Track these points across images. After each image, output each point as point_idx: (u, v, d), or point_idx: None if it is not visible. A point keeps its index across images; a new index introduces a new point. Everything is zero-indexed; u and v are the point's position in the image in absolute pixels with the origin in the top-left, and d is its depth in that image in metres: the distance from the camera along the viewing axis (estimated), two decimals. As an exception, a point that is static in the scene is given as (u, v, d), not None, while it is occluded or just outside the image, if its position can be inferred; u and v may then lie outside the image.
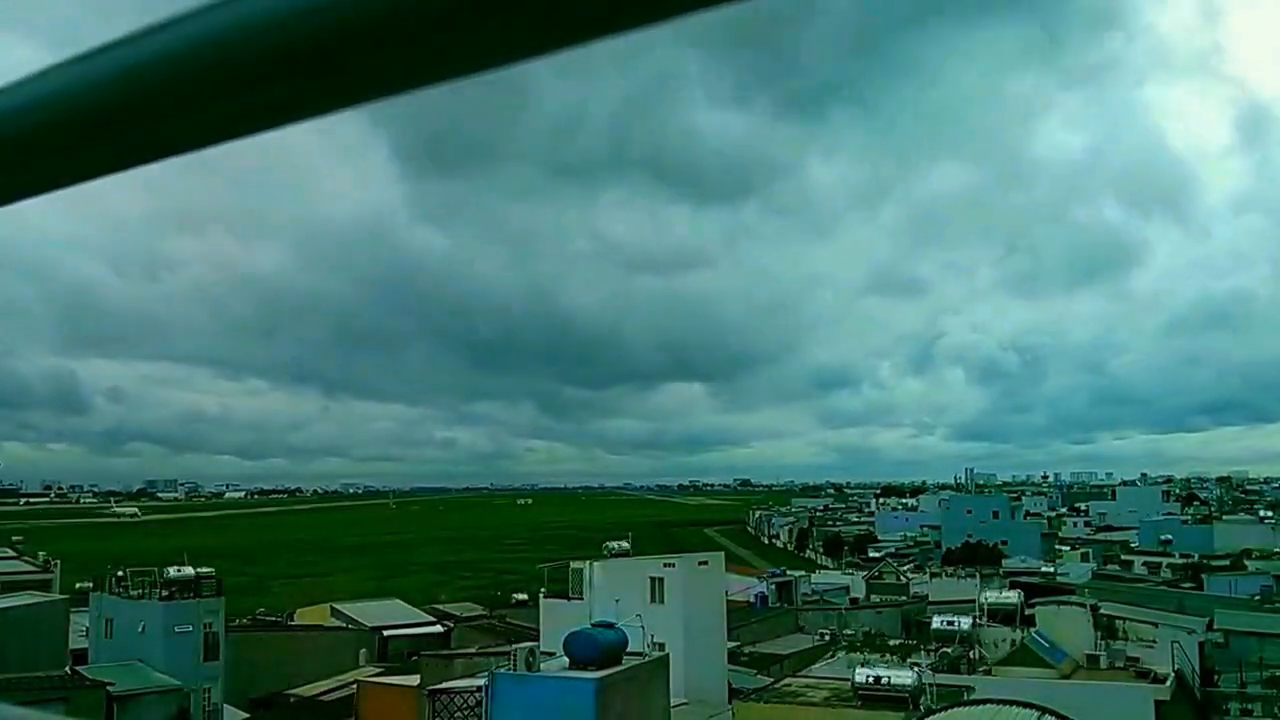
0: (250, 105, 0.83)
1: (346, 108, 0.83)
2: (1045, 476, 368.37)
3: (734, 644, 51.68)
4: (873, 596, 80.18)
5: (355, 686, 46.17)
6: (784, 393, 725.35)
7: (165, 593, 44.83)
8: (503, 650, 35.56)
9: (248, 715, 47.80)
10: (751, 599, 74.88)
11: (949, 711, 31.92)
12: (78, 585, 57.06)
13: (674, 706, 33.96)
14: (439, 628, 64.06)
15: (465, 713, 32.30)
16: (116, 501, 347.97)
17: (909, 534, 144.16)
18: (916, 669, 36.95)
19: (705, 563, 47.67)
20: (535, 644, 33.38)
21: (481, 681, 31.02)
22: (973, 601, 51.63)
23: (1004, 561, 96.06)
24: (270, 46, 0.78)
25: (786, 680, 40.33)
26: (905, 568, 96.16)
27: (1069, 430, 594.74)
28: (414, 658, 49.99)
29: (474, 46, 0.74)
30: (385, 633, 61.18)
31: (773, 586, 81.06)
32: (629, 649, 31.44)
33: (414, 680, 41.34)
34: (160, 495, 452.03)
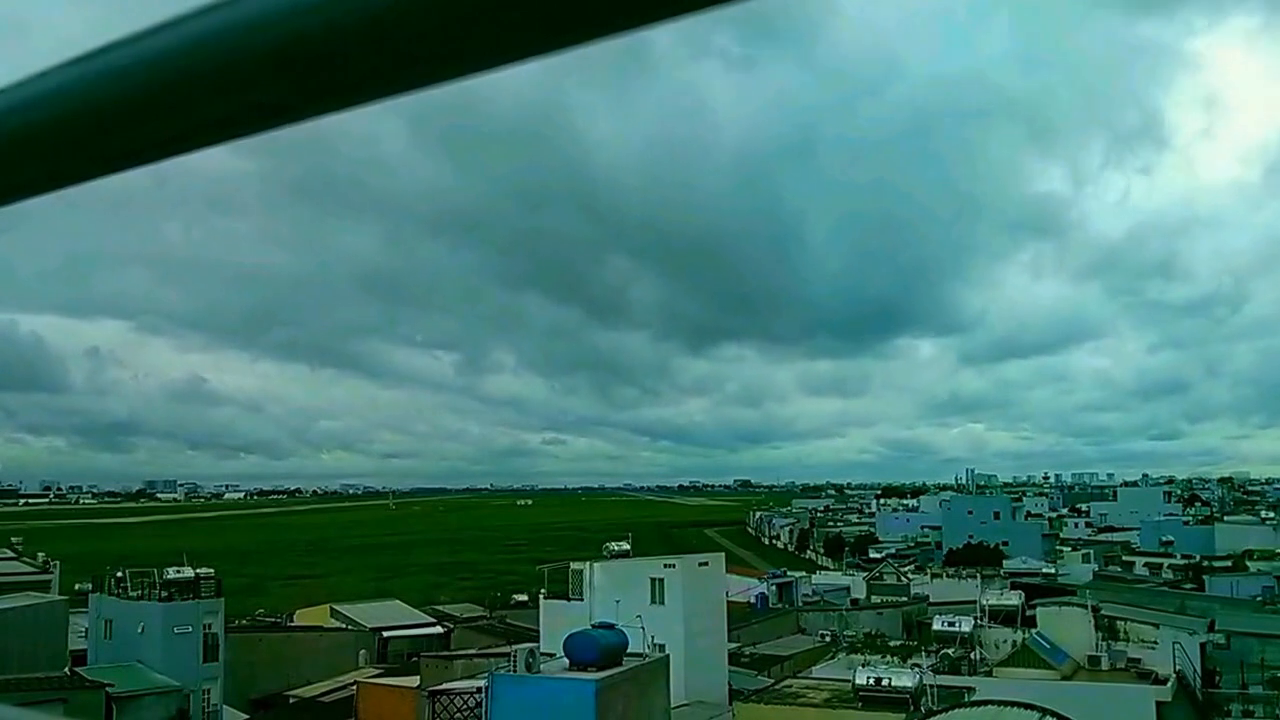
0: (251, 106, 0.83)
1: (347, 108, 0.83)
2: (1046, 477, 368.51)
3: (734, 645, 51.55)
4: (873, 597, 79.91)
5: (355, 687, 46.09)
6: (930, 371, 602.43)
7: (164, 594, 44.76)
8: (503, 651, 35.50)
9: (247, 716, 47.76)
10: (752, 600, 74.82)
11: (950, 713, 31.85)
12: (77, 586, 57.00)
13: (674, 707, 33.86)
14: (439, 629, 64.04)
15: (465, 714, 32.22)
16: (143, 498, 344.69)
17: (910, 535, 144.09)
18: (917, 670, 36.87)
19: (705, 563, 47.57)
20: (535, 645, 33.28)
21: (481, 683, 30.96)
22: (974, 602, 51.54)
23: (1005, 562, 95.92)
24: (270, 46, 0.77)
25: (787, 681, 40.23)
26: (906, 568, 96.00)
27: (1163, 424, 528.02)
28: (414, 659, 49.91)
29: (474, 47, 0.74)
30: (385, 634, 61.13)
31: (773, 587, 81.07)
32: (629, 650, 31.36)
33: (414, 681, 41.27)
34: (159, 496, 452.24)
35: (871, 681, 34.86)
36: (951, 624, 45.31)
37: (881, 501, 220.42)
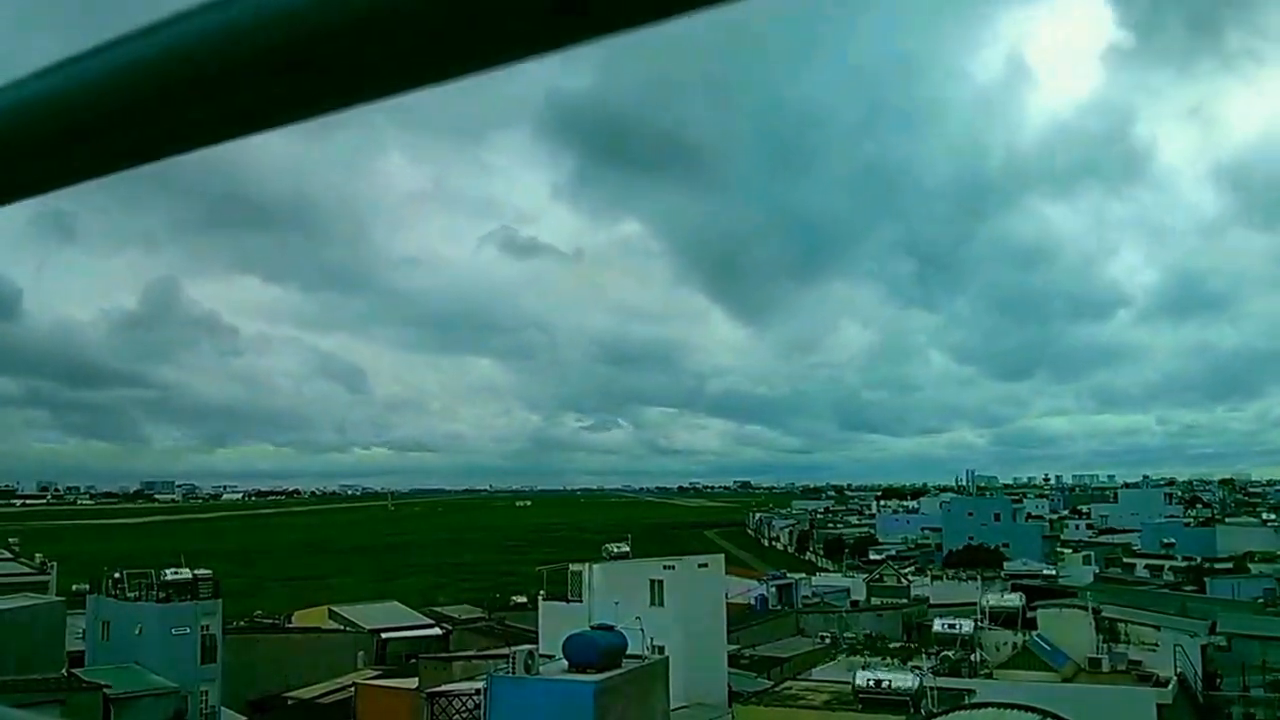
0: (250, 104, 0.82)
1: (349, 106, 0.83)
2: (1046, 478, 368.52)
3: (734, 647, 51.41)
4: (873, 599, 79.76)
5: (353, 689, 46.00)
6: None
7: (162, 595, 44.54)
8: (501, 653, 35.33)
9: (245, 718, 47.56)
10: (752, 601, 74.62)
11: (950, 715, 31.70)
12: (74, 587, 56.79)
13: (674, 710, 33.72)
14: (437, 630, 63.82)
15: (464, 715, 32.11)
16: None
17: (910, 536, 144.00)
18: (917, 672, 36.73)
19: (705, 565, 47.45)
20: (534, 647, 33.12)
21: (480, 684, 30.84)
22: (974, 604, 51.43)
23: (1005, 564, 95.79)
24: (270, 45, 0.77)
25: (787, 683, 40.06)
26: (906, 570, 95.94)
27: None
28: (412, 660, 49.71)
29: (475, 44, 0.74)
30: (383, 635, 60.89)
31: (773, 589, 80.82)
32: (628, 652, 31.21)
33: (412, 683, 41.15)
34: (158, 496, 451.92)
35: (871, 683, 34.70)
36: (952, 626, 45.22)
37: (881, 503, 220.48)
